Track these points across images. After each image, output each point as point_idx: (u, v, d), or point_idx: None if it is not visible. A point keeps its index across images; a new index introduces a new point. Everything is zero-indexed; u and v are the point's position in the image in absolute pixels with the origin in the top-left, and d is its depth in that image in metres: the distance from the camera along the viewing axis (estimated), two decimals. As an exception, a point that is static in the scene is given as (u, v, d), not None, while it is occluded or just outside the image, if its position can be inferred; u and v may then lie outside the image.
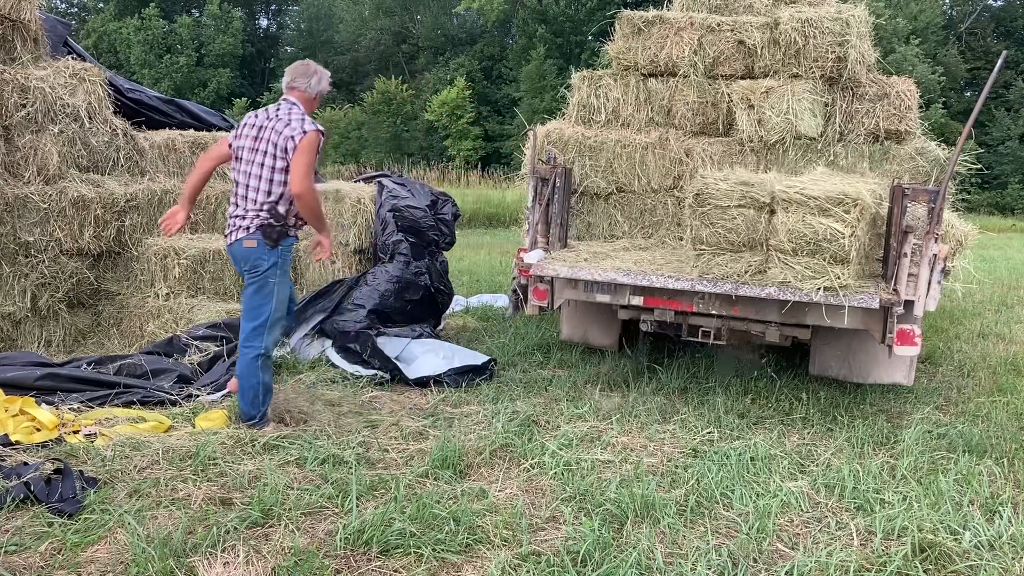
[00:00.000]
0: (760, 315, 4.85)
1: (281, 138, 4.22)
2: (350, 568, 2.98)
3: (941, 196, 4.43)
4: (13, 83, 5.85)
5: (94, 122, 6.22)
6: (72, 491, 3.37)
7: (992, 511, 3.58)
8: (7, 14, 5.91)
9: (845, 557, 3.10)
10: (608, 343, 6.30)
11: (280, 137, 4.22)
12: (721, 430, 4.59)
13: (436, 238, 6.87)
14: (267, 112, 4.36)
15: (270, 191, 4.23)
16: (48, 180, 5.93)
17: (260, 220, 4.23)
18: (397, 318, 6.30)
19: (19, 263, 5.80)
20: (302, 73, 4.42)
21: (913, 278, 4.45)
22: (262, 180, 4.23)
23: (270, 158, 4.22)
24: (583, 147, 6.43)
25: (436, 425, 4.59)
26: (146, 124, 7.08)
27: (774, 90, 6.08)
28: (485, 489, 3.66)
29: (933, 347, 6.93)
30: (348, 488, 3.52)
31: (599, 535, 3.17)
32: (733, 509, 3.56)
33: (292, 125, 4.24)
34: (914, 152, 6.02)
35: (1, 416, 4.16)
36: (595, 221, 6.60)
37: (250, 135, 4.30)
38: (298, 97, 4.39)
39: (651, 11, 6.63)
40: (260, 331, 4.28)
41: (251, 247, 4.23)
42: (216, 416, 4.48)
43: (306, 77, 4.41)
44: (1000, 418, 5.00)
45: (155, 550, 2.94)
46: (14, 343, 5.83)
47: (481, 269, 11.11)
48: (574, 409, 4.89)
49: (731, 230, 4.66)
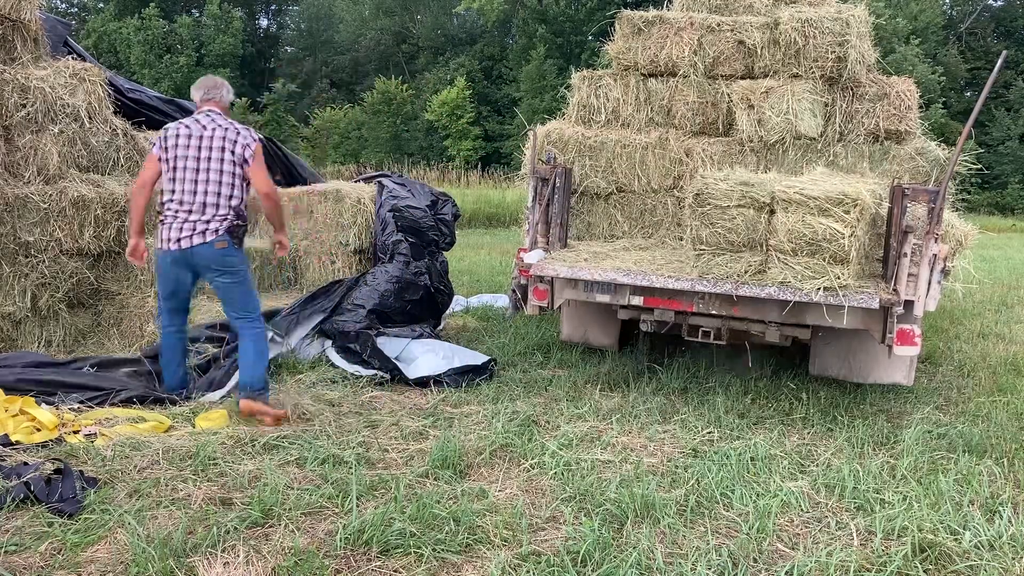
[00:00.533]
0: (760, 315, 4.85)
1: (238, 146, 4.58)
2: (350, 568, 2.98)
3: (941, 196, 4.43)
4: (13, 83, 5.85)
5: (94, 122, 6.22)
6: (72, 491, 3.37)
7: (992, 511, 3.58)
8: (7, 14, 5.91)
9: (845, 557, 3.10)
10: (608, 343, 6.30)
11: (236, 145, 4.58)
12: (721, 430, 4.59)
13: (436, 238, 6.87)
14: (198, 122, 4.63)
15: (232, 195, 4.58)
16: (48, 180, 5.93)
17: (228, 222, 4.54)
18: (397, 318, 6.30)
19: (19, 263, 5.79)
20: (213, 86, 4.80)
21: (913, 278, 4.45)
22: (223, 185, 4.55)
23: (229, 164, 4.57)
24: (583, 147, 6.43)
25: (436, 425, 4.59)
26: (146, 124, 7.09)
27: (774, 90, 6.08)
28: (485, 489, 3.66)
29: (933, 347, 6.93)
30: (348, 488, 3.52)
31: (599, 535, 3.17)
32: (733, 509, 3.56)
33: (244, 134, 4.61)
34: (914, 152, 6.02)
35: (1, 416, 4.17)
36: (595, 221, 6.60)
37: (191, 145, 4.58)
38: (219, 107, 4.75)
39: (651, 11, 6.63)
40: (257, 314, 4.77)
41: (223, 248, 4.53)
42: (216, 416, 4.48)
43: (217, 89, 4.79)
44: (1000, 418, 5.01)
45: (155, 550, 2.94)
46: (14, 343, 5.83)
47: (481, 269, 11.11)
48: (574, 409, 4.90)
49: (731, 230, 4.66)
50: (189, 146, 4.55)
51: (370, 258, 7.26)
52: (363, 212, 7.34)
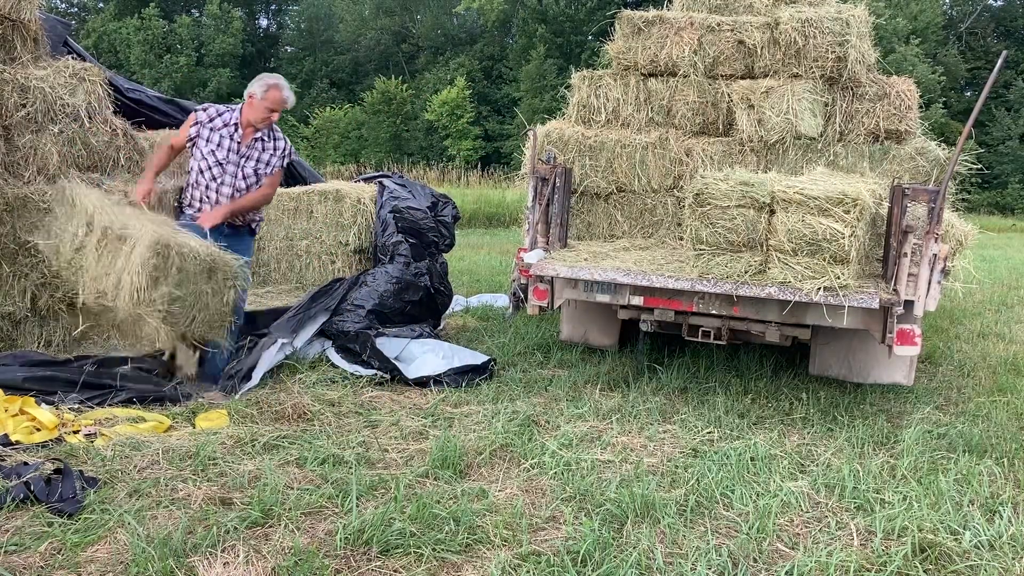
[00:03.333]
0: (760, 315, 4.85)
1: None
2: (350, 568, 2.98)
3: (941, 196, 4.43)
4: (13, 83, 5.84)
5: (94, 122, 6.21)
6: (72, 491, 3.37)
7: (992, 511, 3.58)
8: (7, 14, 5.90)
9: (845, 557, 3.10)
10: (608, 343, 6.30)
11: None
12: (721, 430, 4.59)
13: (436, 240, 6.87)
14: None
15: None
16: (48, 180, 5.92)
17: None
18: (396, 319, 6.30)
19: (19, 263, 5.79)
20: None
21: (913, 278, 4.45)
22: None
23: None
24: (583, 147, 6.43)
25: (436, 425, 4.59)
26: (146, 124, 7.08)
27: (774, 90, 6.08)
28: (485, 489, 3.66)
29: (933, 347, 6.93)
30: (348, 488, 3.52)
31: (599, 535, 3.17)
32: (733, 509, 3.56)
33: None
34: (914, 152, 6.02)
35: (1, 416, 4.16)
36: (595, 221, 6.60)
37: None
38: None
39: (651, 11, 6.63)
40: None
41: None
42: (216, 416, 4.48)
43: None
44: (1000, 418, 5.01)
45: (155, 550, 2.94)
46: (14, 343, 5.82)
47: (481, 269, 11.11)
48: (574, 409, 4.90)
49: (731, 230, 4.66)
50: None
51: (370, 258, 7.26)
52: (363, 212, 7.33)
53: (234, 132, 4.99)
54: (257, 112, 4.96)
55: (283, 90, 4.99)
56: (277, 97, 4.96)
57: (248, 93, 4.97)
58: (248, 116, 4.99)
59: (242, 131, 5.02)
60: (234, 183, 5.01)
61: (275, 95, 4.95)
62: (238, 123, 5.00)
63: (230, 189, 5.00)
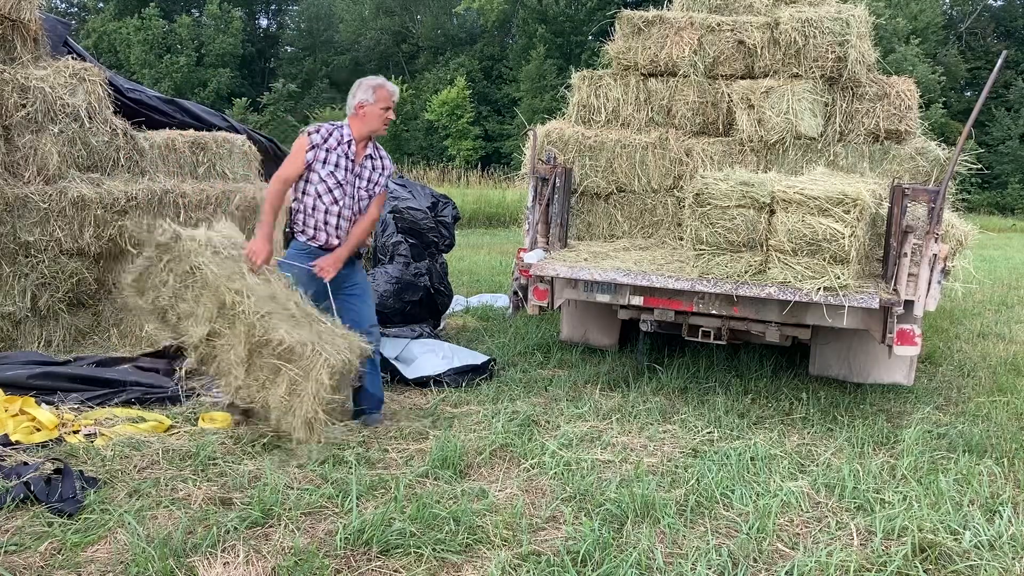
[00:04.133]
0: (760, 315, 4.85)
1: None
2: (350, 568, 2.98)
3: (941, 196, 4.43)
4: (13, 83, 5.84)
5: (94, 122, 6.22)
6: (72, 491, 3.37)
7: (992, 511, 3.58)
8: (7, 14, 5.91)
9: (845, 557, 3.10)
10: (608, 343, 6.30)
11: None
12: (721, 430, 4.59)
13: (436, 240, 6.87)
14: None
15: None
16: (48, 180, 5.93)
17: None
18: (396, 319, 6.30)
19: (19, 263, 5.80)
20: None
21: (913, 278, 4.45)
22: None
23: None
24: (583, 147, 6.43)
25: (436, 425, 4.59)
26: (146, 124, 7.08)
27: (774, 90, 6.08)
28: (485, 489, 3.66)
29: (933, 347, 6.93)
30: (348, 488, 3.52)
31: (599, 535, 3.17)
32: (733, 509, 3.56)
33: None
34: (914, 152, 6.02)
35: (1, 416, 4.16)
36: (595, 221, 6.60)
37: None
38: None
39: (651, 11, 6.63)
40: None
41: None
42: (220, 416, 4.48)
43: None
44: (1000, 418, 5.01)
45: (155, 550, 2.94)
46: (14, 343, 5.83)
47: (481, 269, 11.11)
48: (574, 409, 4.90)
49: (731, 230, 4.67)
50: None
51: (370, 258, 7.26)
52: (363, 212, 7.32)
53: (348, 150, 4.57)
54: (373, 119, 4.57)
55: (387, 84, 4.63)
56: (386, 93, 4.59)
57: (356, 104, 4.55)
58: (364, 128, 4.57)
59: (355, 148, 4.61)
60: (352, 205, 4.62)
61: (384, 92, 4.58)
62: (352, 140, 4.58)
63: (349, 212, 4.61)
